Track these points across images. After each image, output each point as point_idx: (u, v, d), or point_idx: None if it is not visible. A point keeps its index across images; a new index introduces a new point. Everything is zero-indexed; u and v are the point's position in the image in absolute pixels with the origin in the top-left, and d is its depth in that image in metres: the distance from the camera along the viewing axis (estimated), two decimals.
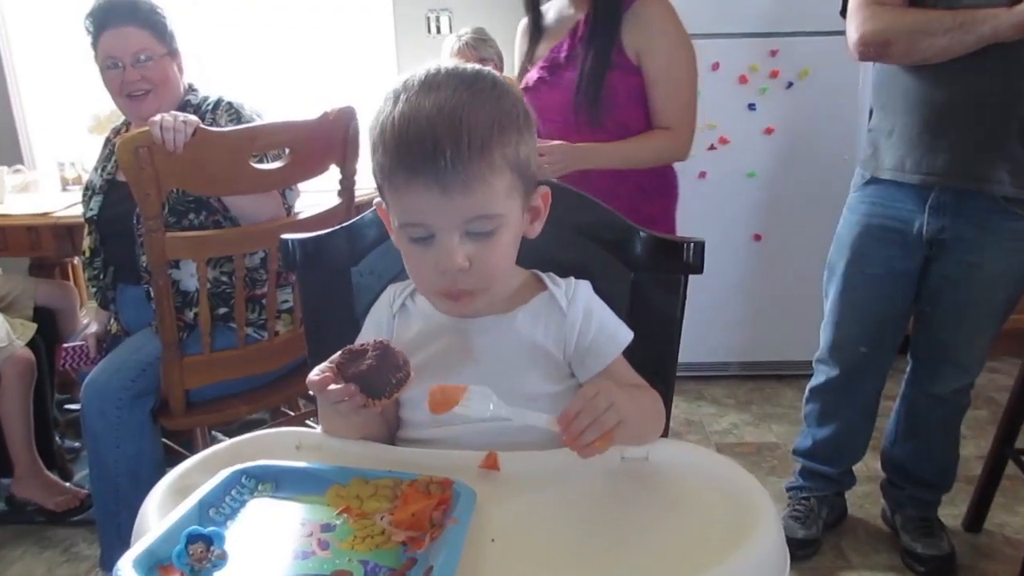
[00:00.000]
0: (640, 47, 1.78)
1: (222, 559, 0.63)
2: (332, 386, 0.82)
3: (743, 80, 2.65)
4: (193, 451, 1.86)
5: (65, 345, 2.16)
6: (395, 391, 0.82)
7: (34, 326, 2.26)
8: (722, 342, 2.95)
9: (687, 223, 2.80)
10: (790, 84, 2.68)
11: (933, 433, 1.92)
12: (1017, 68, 1.56)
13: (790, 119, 2.72)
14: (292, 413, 2.28)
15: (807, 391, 2.05)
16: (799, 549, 1.95)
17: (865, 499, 2.22)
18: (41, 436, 2.28)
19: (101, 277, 1.97)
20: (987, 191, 1.64)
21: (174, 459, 2.01)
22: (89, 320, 2.28)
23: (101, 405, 1.74)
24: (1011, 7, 1.49)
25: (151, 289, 1.75)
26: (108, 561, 1.88)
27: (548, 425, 0.78)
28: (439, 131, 0.77)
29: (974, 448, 2.45)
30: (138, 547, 0.62)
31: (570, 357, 0.91)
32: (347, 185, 1.92)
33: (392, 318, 0.95)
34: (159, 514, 0.71)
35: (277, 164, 1.73)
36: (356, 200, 1.94)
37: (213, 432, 2.39)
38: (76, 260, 2.87)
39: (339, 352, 0.84)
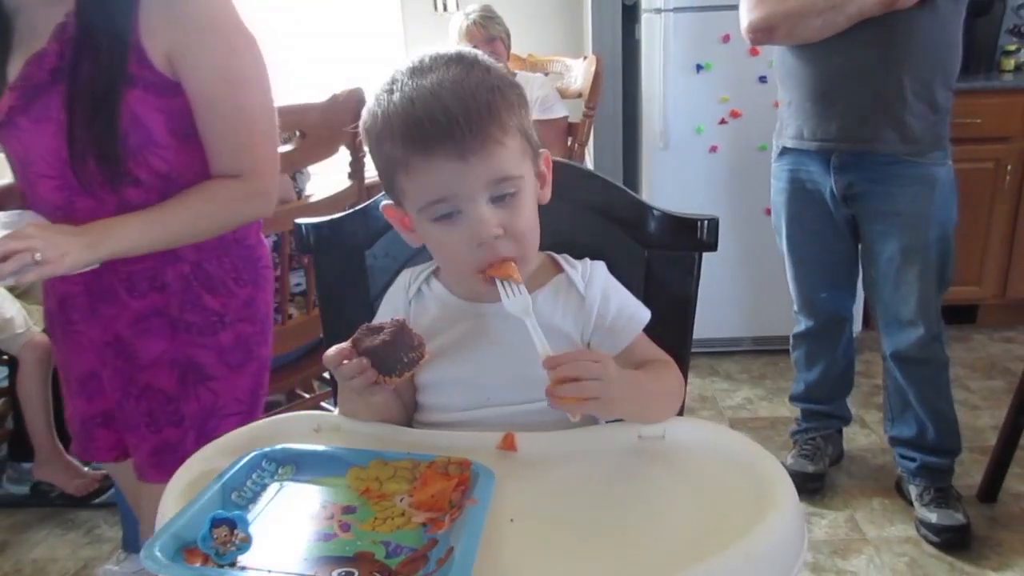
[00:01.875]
0: (173, 49, 1.15)
1: (246, 542, 0.64)
2: (345, 362, 0.82)
3: (754, 52, 2.62)
4: None
5: None
6: (407, 370, 0.82)
7: None
8: (734, 317, 2.94)
9: (699, 197, 2.81)
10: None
11: (921, 397, 1.95)
12: (888, 40, 1.74)
13: None
14: (307, 395, 2.30)
15: (791, 340, 2.24)
16: (810, 482, 2.14)
17: (879, 471, 2.23)
18: (61, 420, 2.30)
19: None
20: (879, 150, 1.82)
21: None
22: None
23: None
24: None
25: None
26: (130, 542, 1.91)
27: (541, 352, 0.80)
28: (447, 102, 0.78)
29: (989, 419, 2.45)
30: (163, 531, 0.63)
31: (589, 339, 0.91)
32: (357, 167, 1.92)
33: (408, 303, 0.95)
34: (182, 498, 0.72)
35: (287, 147, 1.73)
36: (367, 182, 1.94)
37: None
38: None
39: (359, 329, 0.84)
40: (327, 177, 2.01)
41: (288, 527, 0.69)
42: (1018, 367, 2.05)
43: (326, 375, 0.85)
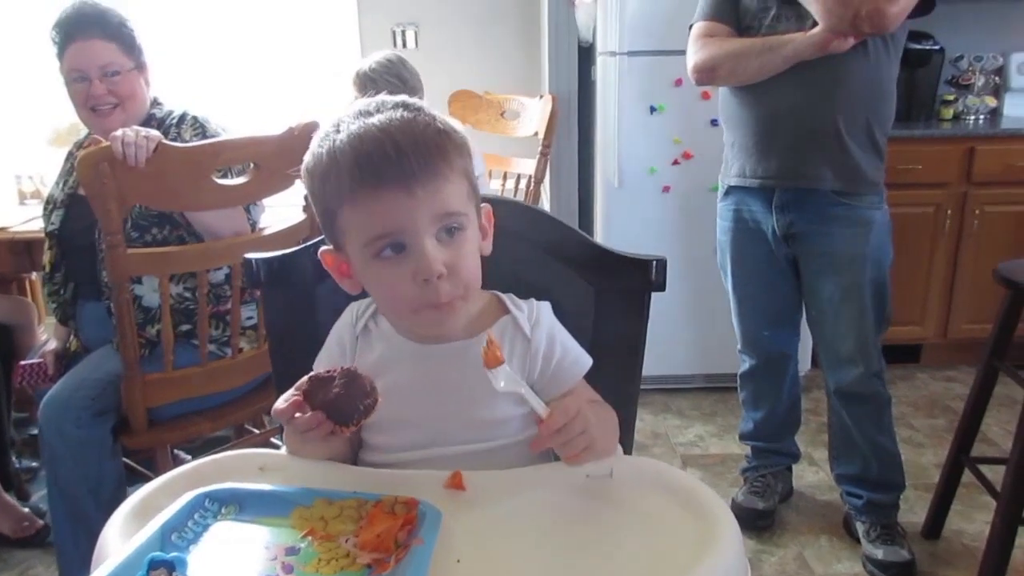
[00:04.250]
0: None
1: None
2: (298, 414, 0.81)
3: (706, 96, 2.69)
4: (155, 469, 1.84)
5: (23, 362, 2.12)
6: (363, 417, 0.82)
7: None
8: (686, 354, 2.98)
9: (652, 236, 2.85)
10: None
11: (863, 433, 2.00)
12: (823, 81, 1.81)
13: None
14: (256, 431, 2.26)
15: (738, 379, 2.27)
16: (760, 520, 2.17)
17: (827, 508, 2.26)
18: (2, 459, 2.22)
19: (61, 292, 1.94)
20: (817, 188, 1.88)
21: (135, 478, 1.99)
22: (48, 337, 2.24)
23: (60, 424, 1.70)
24: (807, 30, 1.77)
25: (112, 305, 1.73)
26: None
27: (541, 412, 0.80)
28: (396, 137, 0.79)
29: (932, 456, 2.51)
30: (99, 574, 0.61)
31: (534, 381, 0.91)
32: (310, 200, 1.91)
33: (355, 339, 0.94)
34: (120, 539, 0.70)
35: (241, 179, 1.72)
36: None
37: (176, 451, 2.35)
38: (34, 275, 2.82)
39: (306, 378, 0.83)
40: (280, 210, 2.00)
41: (229, 569, 0.68)
42: (959, 405, 2.10)
43: (278, 421, 0.83)
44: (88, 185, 1.51)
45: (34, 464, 2.49)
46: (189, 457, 2.40)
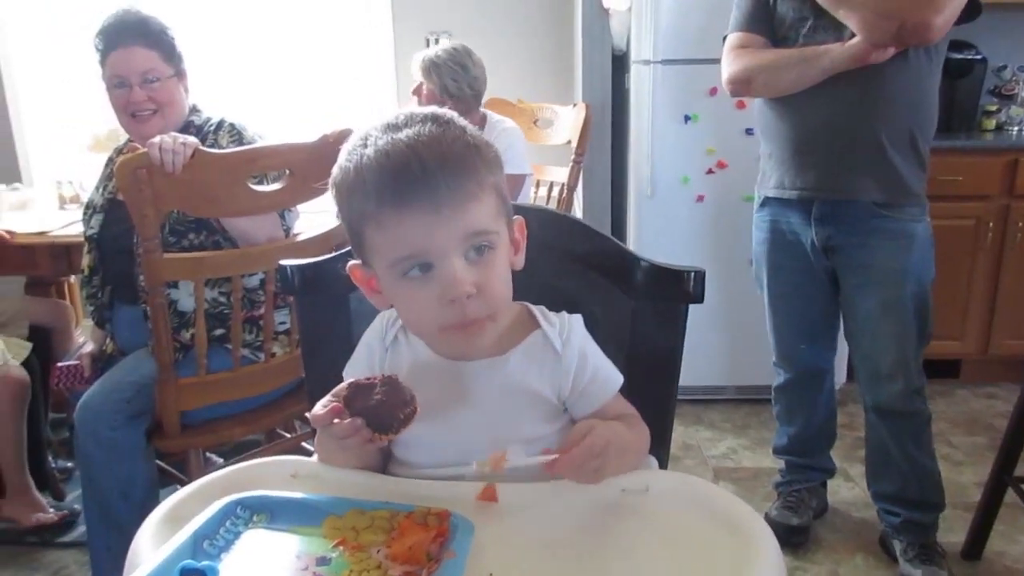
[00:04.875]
0: None
1: None
2: (337, 420, 0.80)
3: (740, 105, 2.66)
4: (187, 472, 1.85)
5: (59, 364, 2.15)
6: (403, 427, 0.81)
7: (29, 345, 2.25)
8: (718, 366, 2.94)
9: (685, 246, 2.82)
10: None
11: (903, 451, 1.95)
12: (863, 93, 1.77)
13: None
14: (288, 435, 2.27)
15: (772, 392, 2.23)
16: (794, 535, 2.13)
17: (863, 525, 2.21)
18: (34, 457, 2.26)
19: (99, 296, 1.97)
20: (858, 199, 1.84)
21: (168, 481, 2.00)
22: (85, 339, 2.27)
23: (95, 426, 1.72)
24: (845, 42, 1.74)
25: (147, 309, 1.75)
26: None
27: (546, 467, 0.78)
28: (423, 155, 0.77)
29: (972, 475, 2.44)
30: None
31: (564, 398, 0.90)
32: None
33: (384, 350, 0.93)
34: (153, 545, 0.70)
35: (276, 186, 1.73)
36: None
37: (208, 454, 2.37)
38: (72, 279, 2.87)
39: (345, 384, 0.82)
40: (315, 216, 2.01)
41: None
42: (1001, 423, 2.05)
43: (314, 427, 0.82)
44: (126, 191, 1.53)
45: (69, 464, 2.52)
46: (220, 460, 2.41)
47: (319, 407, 0.82)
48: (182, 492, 0.80)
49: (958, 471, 2.49)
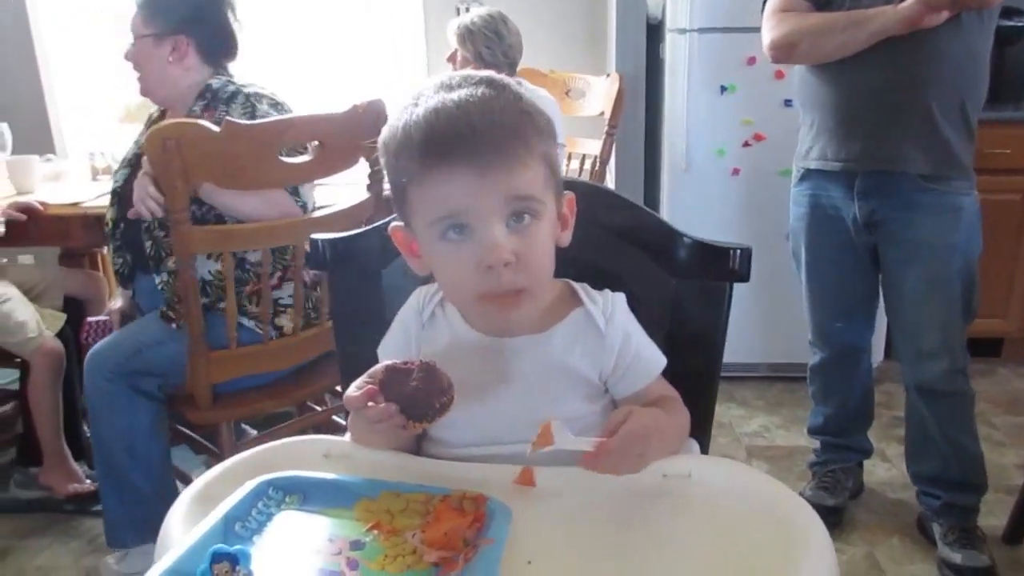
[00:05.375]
0: None
1: None
2: (371, 403, 0.78)
3: (779, 75, 2.59)
4: (219, 443, 1.85)
5: (90, 319, 2.16)
6: (438, 416, 0.78)
7: (63, 316, 2.26)
8: (750, 343, 2.89)
9: (719, 220, 2.77)
10: None
11: (944, 431, 1.89)
12: (914, 59, 1.69)
13: None
14: (319, 408, 2.27)
15: (808, 371, 2.18)
16: (829, 516, 2.04)
17: (900, 506, 2.17)
18: (69, 426, 2.28)
19: (123, 252, 1.95)
20: (904, 171, 1.77)
21: (199, 450, 2.02)
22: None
23: (96, 376, 1.75)
24: (896, 4, 1.65)
25: (158, 279, 1.78)
26: (112, 537, 1.87)
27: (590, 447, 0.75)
28: (472, 115, 0.75)
29: (1014, 456, 2.39)
30: (162, 564, 0.60)
31: (606, 378, 0.88)
32: (376, 179, 1.89)
33: (421, 327, 0.91)
34: (183, 526, 0.69)
35: (305, 157, 1.71)
36: (385, 194, 1.92)
37: (242, 424, 2.38)
38: (105, 250, 2.88)
39: (381, 367, 0.80)
40: (338, 189, 1.99)
41: (293, 562, 0.65)
42: None
43: (348, 408, 0.81)
44: (155, 162, 1.51)
45: None
46: (254, 432, 2.43)
47: (353, 388, 0.80)
48: (213, 471, 0.78)
49: (999, 452, 2.43)
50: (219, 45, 1.89)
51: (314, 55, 3.48)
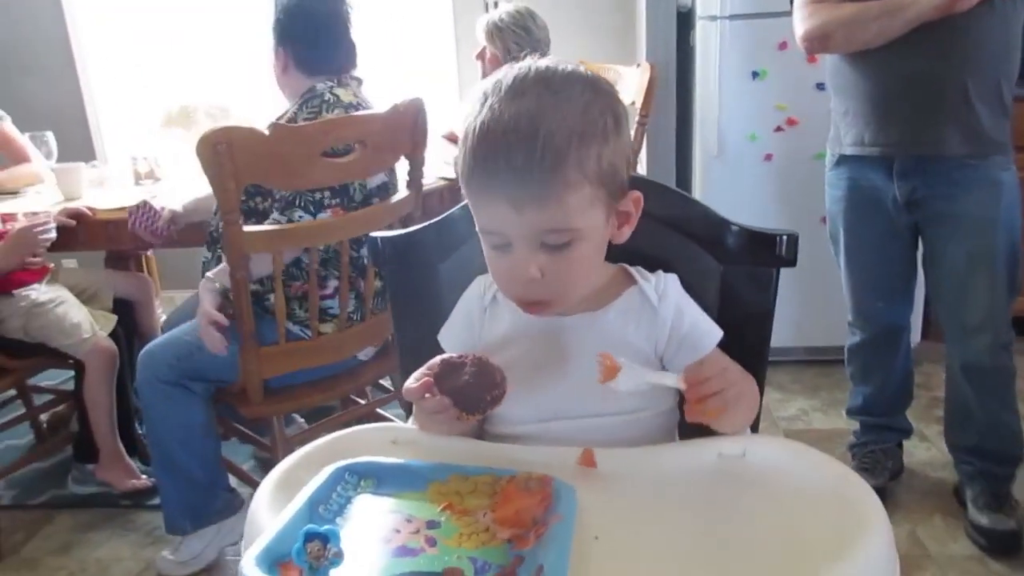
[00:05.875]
0: None
1: (338, 557, 0.65)
2: (427, 395, 0.84)
3: (811, 60, 2.58)
4: (269, 436, 1.92)
5: (144, 203, 2.08)
6: (489, 408, 0.84)
7: (115, 317, 2.34)
8: (786, 327, 2.88)
9: (752, 206, 2.77)
10: None
11: (985, 407, 1.92)
12: (949, 43, 1.71)
13: None
14: (362, 402, 2.32)
15: (846, 352, 2.20)
16: None
17: (940, 486, 2.19)
18: (122, 423, 2.36)
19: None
20: (942, 153, 1.79)
21: (245, 440, 2.08)
22: (163, 312, 2.32)
23: (151, 374, 1.82)
24: None
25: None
26: (171, 526, 1.96)
27: (676, 383, 0.80)
28: (513, 146, 0.77)
29: None
30: (257, 545, 0.64)
31: (661, 353, 0.91)
32: (416, 176, 1.94)
33: (483, 311, 0.95)
34: (270, 510, 0.73)
35: (350, 157, 1.74)
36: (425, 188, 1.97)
37: (292, 415, 2.44)
38: (150, 252, 2.95)
39: (438, 359, 0.85)
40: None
41: (375, 542, 0.69)
42: None
43: (408, 399, 0.87)
44: (207, 165, 1.56)
45: None
46: (303, 420, 2.49)
47: (412, 380, 0.86)
48: (291, 459, 0.83)
49: None
50: (314, 57, 1.94)
51: None
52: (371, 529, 0.71)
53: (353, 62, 1.97)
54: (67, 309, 2.21)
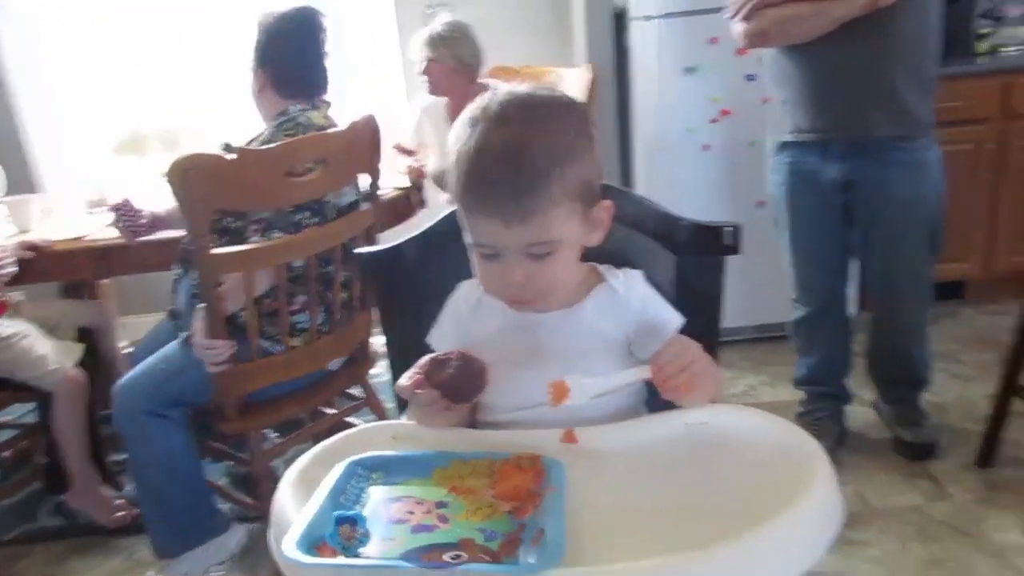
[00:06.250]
0: None
1: (366, 536, 0.74)
2: (419, 391, 0.94)
3: (741, 52, 2.72)
4: (249, 451, 1.96)
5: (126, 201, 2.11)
6: (474, 395, 0.95)
7: (81, 346, 2.34)
8: (735, 307, 2.99)
9: (694, 195, 2.90)
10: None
11: (906, 346, 2.23)
12: (876, 35, 1.88)
13: None
14: (331, 411, 2.37)
15: (791, 327, 2.39)
16: None
17: (879, 445, 2.35)
18: (93, 451, 2.36)
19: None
20: (873, 135, 1.98)
21: (221, 459, 2.11)
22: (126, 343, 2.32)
23: (129, 409, 1.86)
24: None
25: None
26: (162, 549, 1.99)
27: (640, 375, 0.92)
28: (501, 171, 0.88)
29: (982, 389, 2.54)
30: (294, 531, 0.73)
31: (631, 340, 1.02)
32: (374, 189, 2.01)
33: (470, 313, 1.05)
34: (294, 504, 0.82)
35: (311, 176, 1.80)
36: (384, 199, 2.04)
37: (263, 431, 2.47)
38: (106, 281, 2.94)
39: (427, 358, 0.96)
40: None
41: (393, 523, 0.78)
42: (1007, 338, 2.16)
43: (402, 396, 0.97)
44: (177, 192, 1.61)
45: (125, 456, 2.63)
46: (275, 435, 2.53)
47: (404, 378, 0.96)
48: (305, 458, 0.91)
49: (968, 387, 2.60)
50: (291, 79, 1.99)
51: None
52: (388, 513, 0.80)
53: (325, 87, 2.04)
54: (32, 342, 2.21)
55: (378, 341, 1.57)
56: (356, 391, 2.25)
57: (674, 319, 1.02)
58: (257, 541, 2.08)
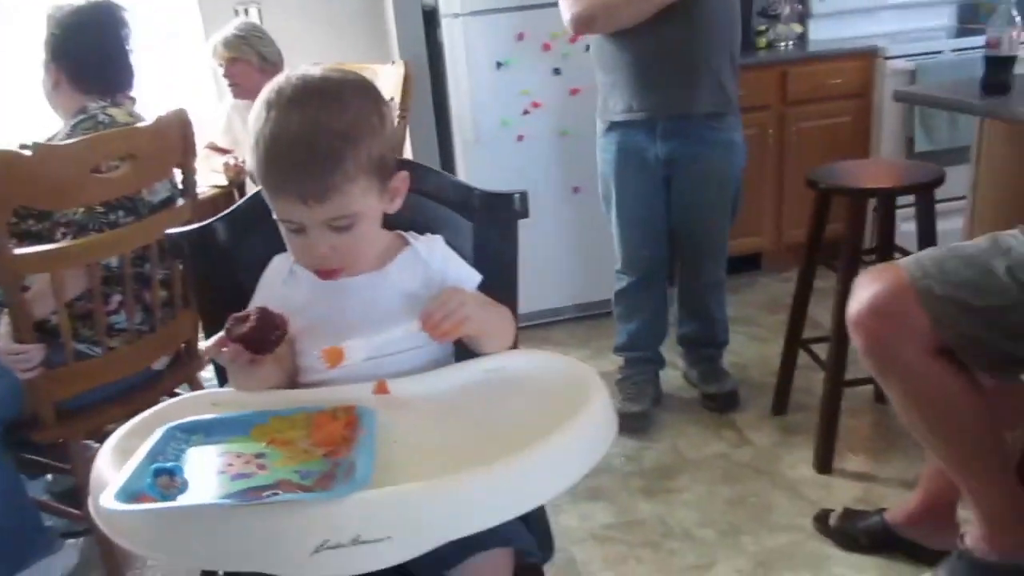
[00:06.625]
0: None
1: (185, 484, 0.78)
2: (224, 349, 0.97)
3: (547, 47, 2.90)
4: (69, 459, 1.88)
5: None
6: (274, 346, 0.99)
7: None
8: (557, 289, 3.21)
9: (512, 183, 3.02)
10: (588, 47, 2.95)
11: (710, 311, 2.52)
12: (690, 21, 2.12)
13: (592, 78, 3.00)
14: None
15: (614, 296, 2.57)
16: (635, 421, 2.45)
17: (690, 405, 2.59)
18: None
19: None
20: (695, 112, 2.22)
21: (39, 472, 2.02)
22: None
23: None
24: None
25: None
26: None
27: (414, 329, 0.99)
28: (297, 154, 0.93)
29: (776, 347, 2.80)
30: (113, 486, 0.76)
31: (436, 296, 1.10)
32: (189, 184, 1.99)
33: (283, 284, 1.10)
34: (112, 467, 0.85)
35: (119, 172, 1.77)
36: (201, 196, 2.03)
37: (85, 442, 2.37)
38: None
39: (229, 319, 0.99)
40: None
41: (214, 475, 0.83)
42: None
43: (207, 357, 1.00)
44: None
45: None
46: (97, 445, 2.42)
47: (209, 342, 0.99)
48: (123, 429, 0.94)
49: (765, 346, 2.90)
50: (87, 75, 1.92)
51: None
52: (208, 467, 0.85)
53: (130, 83, 1.99)
54: None
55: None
56: (184, 391, 2.21)
57: (473, 276, 1.13)
58: (88, 555, 2.01)
